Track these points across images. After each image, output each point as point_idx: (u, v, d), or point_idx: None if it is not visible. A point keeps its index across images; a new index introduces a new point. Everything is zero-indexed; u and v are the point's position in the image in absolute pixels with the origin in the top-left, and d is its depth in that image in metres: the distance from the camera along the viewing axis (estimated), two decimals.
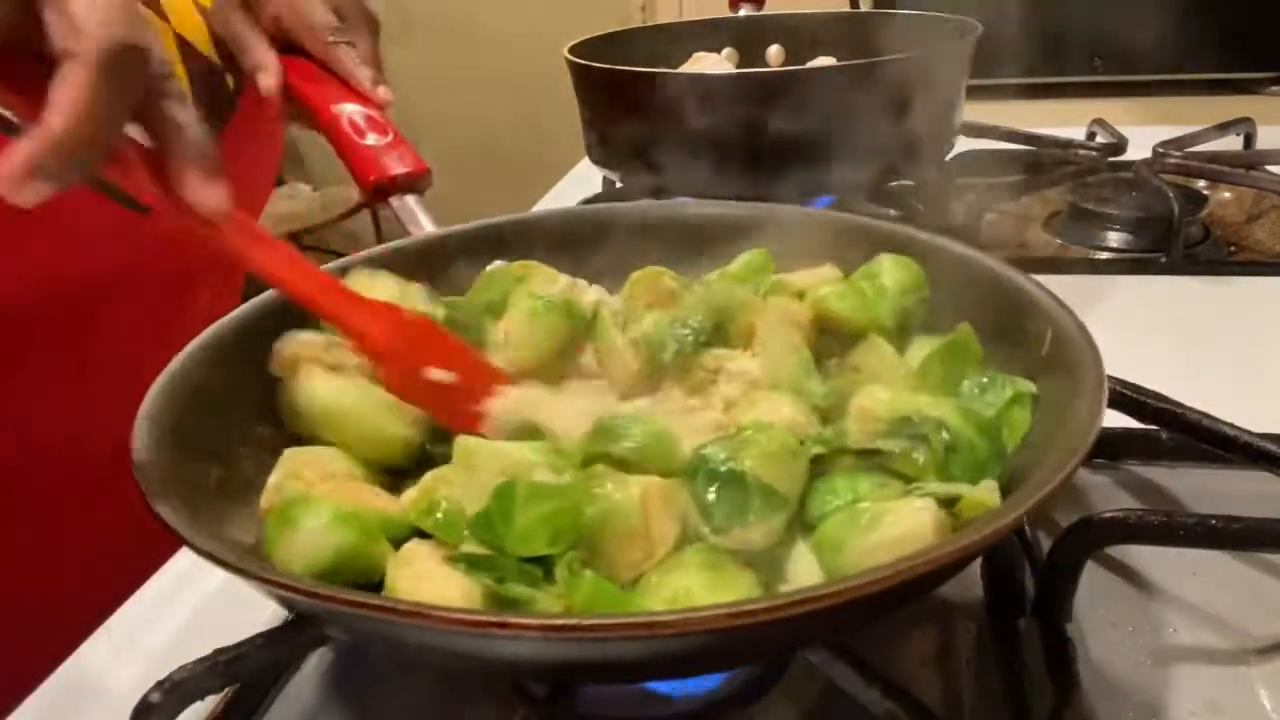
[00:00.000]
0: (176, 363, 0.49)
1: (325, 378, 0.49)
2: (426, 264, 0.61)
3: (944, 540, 0.35)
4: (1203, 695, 0.44)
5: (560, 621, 0.32)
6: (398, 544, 0.43)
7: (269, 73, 0.73)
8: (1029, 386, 0.45)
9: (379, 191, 0.69)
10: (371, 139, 0.71)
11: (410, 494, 0.45)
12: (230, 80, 0.74)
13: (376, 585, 0.41)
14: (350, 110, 0.73)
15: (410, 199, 0.69)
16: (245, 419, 0.50)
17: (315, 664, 0.49)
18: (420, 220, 0.68)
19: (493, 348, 0.54)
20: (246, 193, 0.81)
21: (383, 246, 0.62)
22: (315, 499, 0.42)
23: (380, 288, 0.55)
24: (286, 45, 0.75)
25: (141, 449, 0.42)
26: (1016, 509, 0.34)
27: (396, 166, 0.69)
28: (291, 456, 0.47)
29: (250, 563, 0.36)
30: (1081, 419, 0.38)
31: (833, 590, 0.31)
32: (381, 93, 0.74)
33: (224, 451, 0.47)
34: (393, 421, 0.49)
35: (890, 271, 0.54)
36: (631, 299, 0.57)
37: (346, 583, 0.41)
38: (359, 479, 0.47)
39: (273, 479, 0.46)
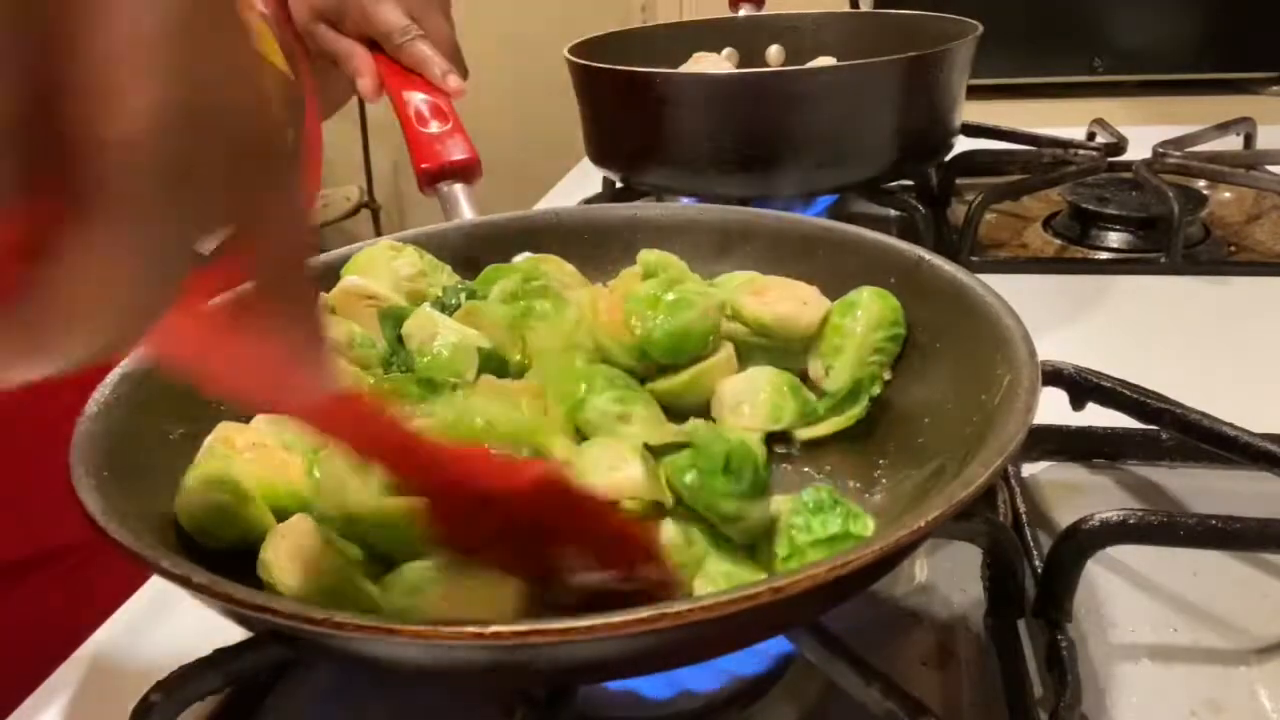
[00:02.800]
0: None
1: None
2: (455, 251, 0.62)
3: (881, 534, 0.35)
4: (1203, 695, 0.44)
5: (427, 629, 0.31)
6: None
7: (364, 77, 0.79)
8: (865, 529, 0.41)
9: (430, 177, 0.71)
10: (434, 126, 0.74)
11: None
12: (290, 135, 0.78)
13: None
14: (418, 99, 0.77)
15: (458, 187, 0.71)
16: None
17: (316, 664, 0.48)
18: (463, 209, 0.70)
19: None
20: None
21: (414, 230, 0.63)
22: (202, 460, 0.44)
23: (404, 260, 0.58)
24: (370, 41, 0.81)
25: (100, 397, 0.45)
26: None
27: (448, 154, 0.72)
28: (217, 433, 0.47)
29: (111, 523, 0.37)
30: (951, 491, 0.36)
31: (790, 581, 0.32)
32: (451, 82, 0.78)
33: (198, 410, 0.48)
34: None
35: (866, 305, 0.53)
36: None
37: (224, 543, 0.43)
38: (293, 450, 0.48)
39: (208, 439, 0.47)
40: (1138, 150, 1.05)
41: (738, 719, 0.43)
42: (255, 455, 0.46)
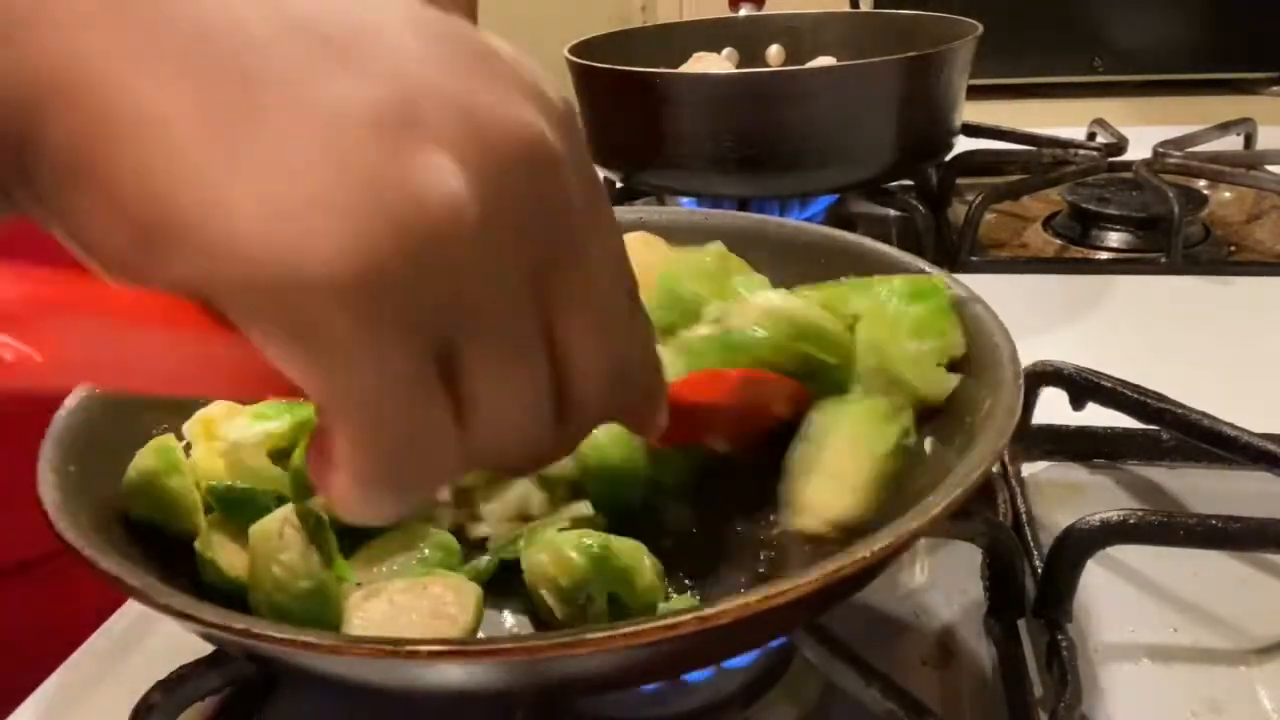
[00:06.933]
0: None
1: None
2: None
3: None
4: (1203, 695, 0.44)
5: (370, 646, 0.30)
6: None
7: None
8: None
9: None
10: None
11: None
12: None
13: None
14: None
15: None
16: None
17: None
18: None
19: None
20: None
21: None
22: (145, 447, 0.44)
23: None
24: None
25: (83, 390, 0.44)
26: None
27: None
28: (209, 409, 0.48)
29: (62, 519, 0.37)
30: (920, 507, 0.35)
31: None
32: None
33: (183, 404, 0.48)
34: None
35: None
36: None
37: (143, 512, 0.42)
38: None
39: (184, 426, 0.47)
40: (1138, 150, 1.04)
41: (738, 719, 0.43)
42: (210, 447, 0.46)
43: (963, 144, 1.00)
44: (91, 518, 0.39)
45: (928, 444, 0.47)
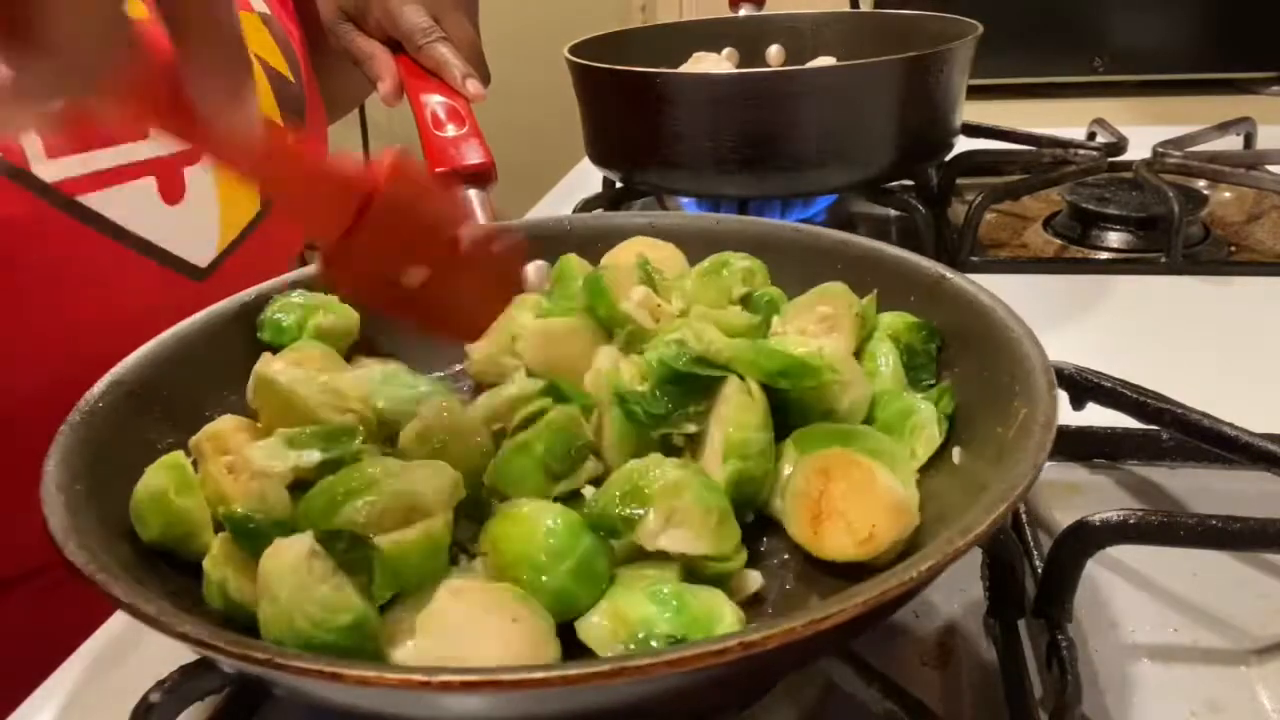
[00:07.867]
0: (174, 329, 0.52)
1: (277, 363, 0.51)
2: None
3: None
4: (1203, 695, 0.44)
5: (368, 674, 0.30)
6: None
7: (384, 80, 0.79)
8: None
9: (443, 181, 0.71)
10: (450, 130, 0.74)
11: None
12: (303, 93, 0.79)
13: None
14: (435, 102, 0.76)
15: (471, 192, 0.70)
16: (231, 392, 0.52)
17: None
18: (475, 215, 0.69)
19: None
20: None
21: None
22: (154, 465, 0.44)
23: None
24: (394, 42, 0.81)
25: (86, 405, 0.44)
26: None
27: (462, 158, 0.72)
28: (218, 423, 0.48)
29: (69, 542, 0.36)
30: (950, 537, 0.35)
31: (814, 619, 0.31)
32: (470, 87, 0.78)
33: (190, 419, 0.48)
34: (328, 411, 0.49)
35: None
36: None
37: (153, 531, 0.43)
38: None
39: (191, 440, 0.47)
40: (1138, 150, 1.05)
41: (737, 719, 0.43)
42: (224, 462, 0.45)
43: (963, 144, 1.00)
44: (99, 538, 0.39)
45: (956, 454, 0.47)
